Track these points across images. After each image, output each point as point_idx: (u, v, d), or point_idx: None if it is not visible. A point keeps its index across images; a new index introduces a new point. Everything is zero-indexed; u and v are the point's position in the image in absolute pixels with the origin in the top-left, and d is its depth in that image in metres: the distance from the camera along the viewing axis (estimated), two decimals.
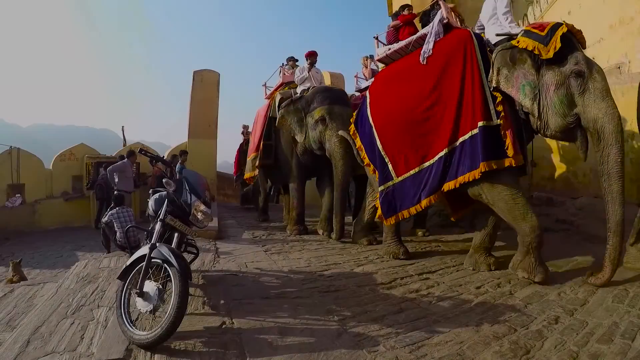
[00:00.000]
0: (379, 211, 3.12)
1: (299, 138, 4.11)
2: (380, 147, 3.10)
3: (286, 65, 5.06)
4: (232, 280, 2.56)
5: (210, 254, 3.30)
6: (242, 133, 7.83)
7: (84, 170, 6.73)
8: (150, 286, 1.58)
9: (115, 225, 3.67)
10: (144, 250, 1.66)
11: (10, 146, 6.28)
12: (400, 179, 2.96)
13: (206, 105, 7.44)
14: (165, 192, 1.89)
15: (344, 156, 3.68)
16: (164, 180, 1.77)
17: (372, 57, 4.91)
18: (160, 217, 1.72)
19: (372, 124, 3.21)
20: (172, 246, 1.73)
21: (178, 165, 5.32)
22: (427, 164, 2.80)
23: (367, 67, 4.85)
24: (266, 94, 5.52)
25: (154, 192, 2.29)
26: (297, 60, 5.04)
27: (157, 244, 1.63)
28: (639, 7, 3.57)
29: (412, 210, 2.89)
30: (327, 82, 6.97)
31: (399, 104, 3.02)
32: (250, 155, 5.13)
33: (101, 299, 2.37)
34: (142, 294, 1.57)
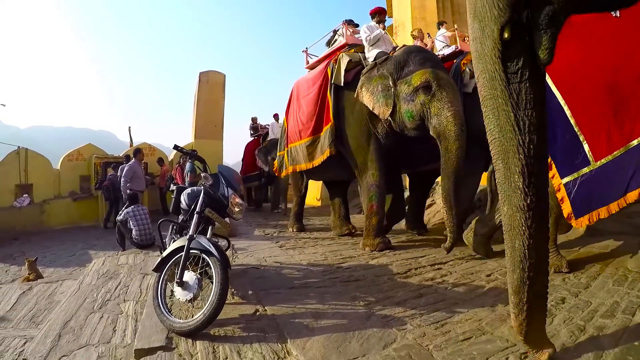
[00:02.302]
0: (567, 208, 2.28)
1: (382, 112, 2.89)
2: (572, 121, 2.20)
3: (340, 28, 3.82)
4: (255, 273, 2.56)
5: (228, 250, 3.29)
6: (251, 128, 7.24)
7: (92, 170, 6.62)
8: (189, 276, 1.58)
9: (130, 223, 3.63)
10: (180, 242, 1.65)
11: (19, 146, 6.14)
12: (599, 163, 2.13)
13: (212, 106, 7.39)
14: (197, 188, 1.89)
15: (460, 136, 2.56)
16: (202, 175, 1.76)
17: (443, 24, 3.98)
18: (197, 210, 1.72)
19: (555, 90, 2.27)
20: (207, 237, 1.72)
21: (188, 165, 5.27)
22: (635, 141, 2.01)
23: (421, 40, 3.84)
24: (308, 62, 4.21)
25: (180, 189, 2.27)
26: (357, 25, 3.76)
27: (195, 235, 1.62)
28: None
29: (614, 206, 2.11)
30: None
31: (594, 62, 2.17)
32: (299, 140, 3.71)
33: (126, 293, 2.35)
34: (181, 284, 1.56)
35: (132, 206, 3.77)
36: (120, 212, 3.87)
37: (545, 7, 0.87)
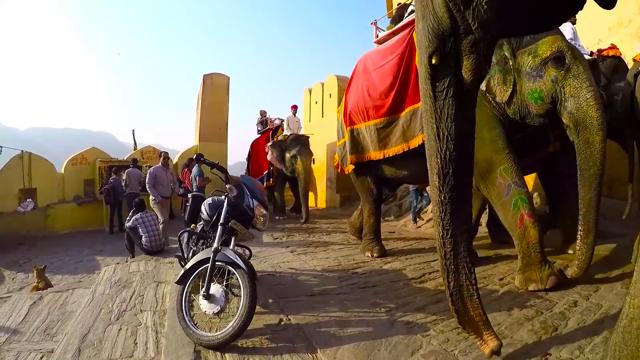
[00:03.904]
0: None
1: (500, 93, 2.17)
2: None
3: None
4: (272, 280, 2.53)
5: (250, 259, 3.25)
6: (260, 122, 6.46)
7: (97, 174, 6.50)
8: (215, 288, 1.55)
9: (140, 230, 3.56)
10: (204, 254, 1.61)
11: (22, 150, 6.01)
12: None
13: (216, 108, 7.31)
14: (217, 197, 1.84)
15: (603, 125, 1.89)
16: (227, 186, 1.71)
17: None
18: (221, 221, 1.67)
19: None
20: (231, 249, 1.68)
21: (195, 169, 5.20)
22: None
23: None
24: (377, 36, 3.63)
25: (197, 197, 2.22)
26: None
27: (221, 248, 1.59)
28: (637, 9, 3.64)
29: None
30: (335, 86, 6.91)
31: None
32: (367, 121, 2.86)
33: (142, 303, 2.29)
34: (208, 297, 1.53)
35: (141, 213, 3.70)
36: (128, 219, 3.79)
37: (467, 36, 1.03)
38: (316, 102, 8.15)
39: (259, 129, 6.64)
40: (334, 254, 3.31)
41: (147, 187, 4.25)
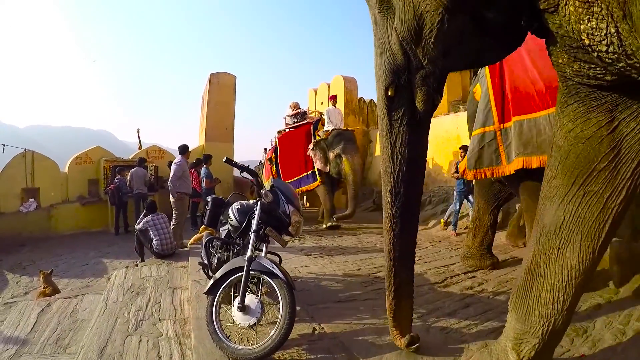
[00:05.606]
0: None
1: None
2: None
3: None
4: (295, 285, 2.40)
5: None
6: (293, 115, 5.32)
7: (101, 174, 6.28)
8: (250, 299, 1.43)
9: (151, 232, 3.41)
10: (237, 262, 1.48)
11: (25, 149, 5.78)
12: None
13: (222, 108, 7.13)
14: (246, 202, 1.71)
15: None
16: (262, 191, 1.57)
17: None
18: (254, 228, 1.54)
19: None
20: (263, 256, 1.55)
21: (203, 170, 5.04)
22: None
23: None
24: None
25: (217, 200, 2.08)
26: None
27: (255, 256, 1.47)
28: None
29: None
30: (341, 86, 6.79)
31: None
32: (542, 109, 1.86)
33: (159, 311, 2.15)
34: (243, 308, 1.41)
35: (151, 215, 3.54)
36: (138, 221, 3.63)
37: (419, 71, 1.17)
38: (322, 103, 8.01)
39: (288, 122, 5.47)
40: (351, 258, 3.20)
41: (171, 178, 3.75)
